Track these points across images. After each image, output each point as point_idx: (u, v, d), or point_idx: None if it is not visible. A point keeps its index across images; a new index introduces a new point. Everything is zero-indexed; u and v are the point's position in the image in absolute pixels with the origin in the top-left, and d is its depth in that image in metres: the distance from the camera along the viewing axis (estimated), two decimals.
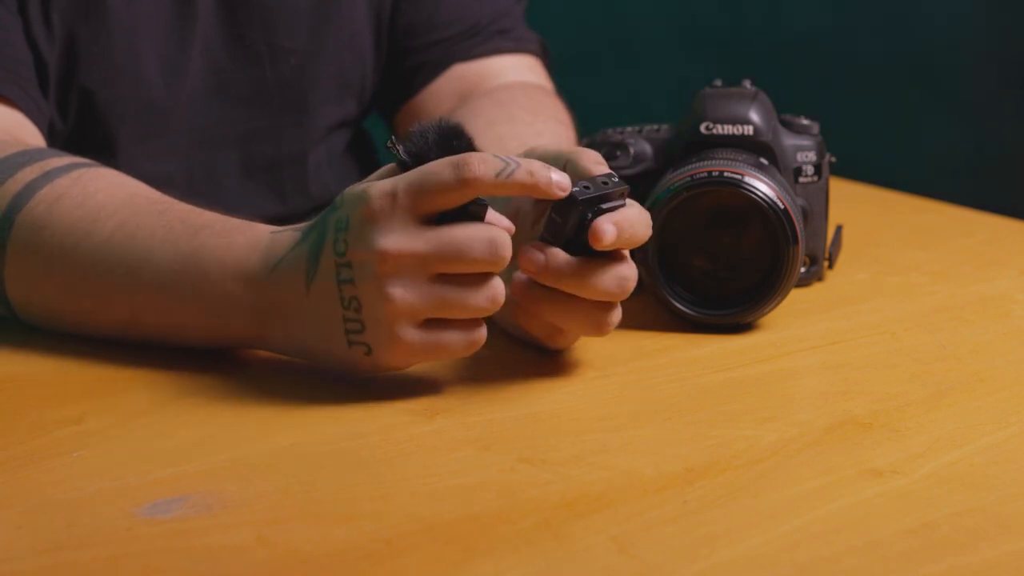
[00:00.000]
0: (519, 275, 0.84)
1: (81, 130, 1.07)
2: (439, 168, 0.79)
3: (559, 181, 0.81)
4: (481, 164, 0.79)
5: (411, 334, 0.81)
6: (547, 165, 0.81)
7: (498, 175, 0.79)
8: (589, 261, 0.83)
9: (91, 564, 0.66)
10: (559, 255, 0.82)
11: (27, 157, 0.93)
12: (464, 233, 0.80)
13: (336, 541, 0.68)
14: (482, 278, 0.81)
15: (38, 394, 0.85)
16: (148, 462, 0.76)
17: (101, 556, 0.67)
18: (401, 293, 0.79)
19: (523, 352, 0.90)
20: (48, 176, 0.91)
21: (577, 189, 0.81)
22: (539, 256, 0.82)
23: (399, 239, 0.79)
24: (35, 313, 0.92)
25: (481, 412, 0.82)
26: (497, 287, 0.81)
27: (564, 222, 0.82)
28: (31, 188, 0.91)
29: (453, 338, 0.81)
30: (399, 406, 0.83)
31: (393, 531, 0.69)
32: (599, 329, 0.84)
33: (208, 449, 0.77)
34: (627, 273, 0.84)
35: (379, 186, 0.80)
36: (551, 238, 0.83)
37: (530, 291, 0.84)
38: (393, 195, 0.79)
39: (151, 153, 1.09)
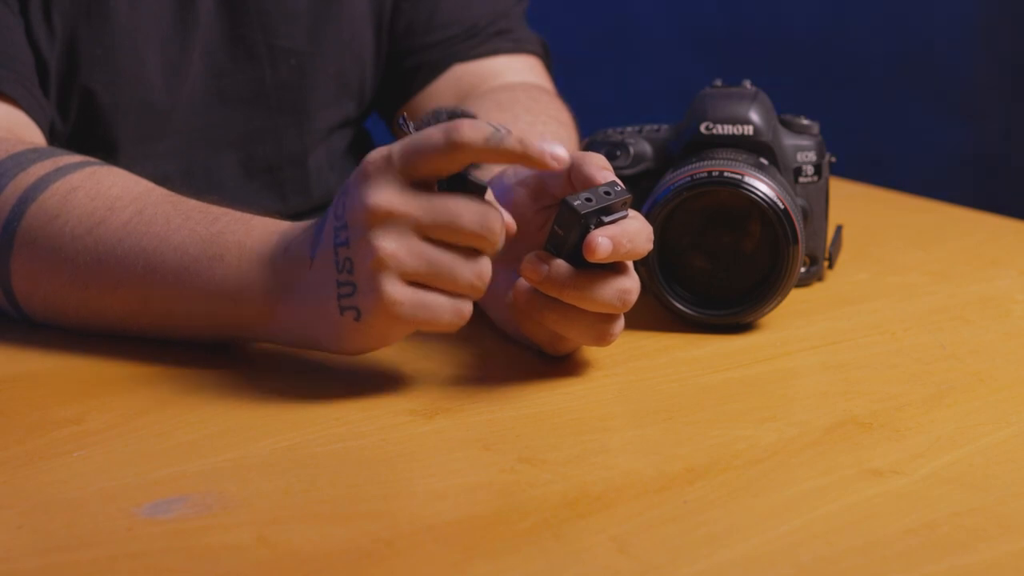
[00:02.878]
0: (522, 282, 0.84)
1: (82, 130, 1.07)
2: (431, 131, 0.80)
3: (555, 152, 0.80)
4: (471, 129, 0.79)
5: (398, 290, 0.79)
6: (543, 136, 0.81)
7: (487, 140, 0.79)
8: (590, 273, 0.82)
9: (91, 564, 0.67)
10: (561, 266, 0.82)
11: (39, 154, 0.94)
12: (457, 202, 0.80)
13: (336, 541, 0.68)
14: (471, 253, 0.80)
15: (38, 394, 0.85)
16: (148, 462, 0.76)
17: (101, 556, 0.67)
18: (389, 245, 0.79)
19: (523, 352, 0.90)
20: (61, 171, 0.92)
21: (579, 201, 0.81)
22: (541, 266, 0.82)
23: (390, 196, 0.79)
24: (39, 305, 0.92)
25: (481, 412, 0.82)
26: (484, 266, 0.81)
27: (566, 234, 0.82)
28: (45, 181, 0.91)
29: (440, 302, 0.80)
30: (399, 406, 0.83)
31: (393, 531, 0.69)
32: (600, 340, 0.85)
33: (208, 449, 0.77)
34: (628, 286, 0.83)
35: (376, 151, 0.81)
36: (553, 249, 0.83)
37: (533, 299, 0.84)
38: (388, 157, 0.80)
39: (151, 154, 1.09)
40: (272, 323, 0.86)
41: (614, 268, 0.83)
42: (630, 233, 0.82)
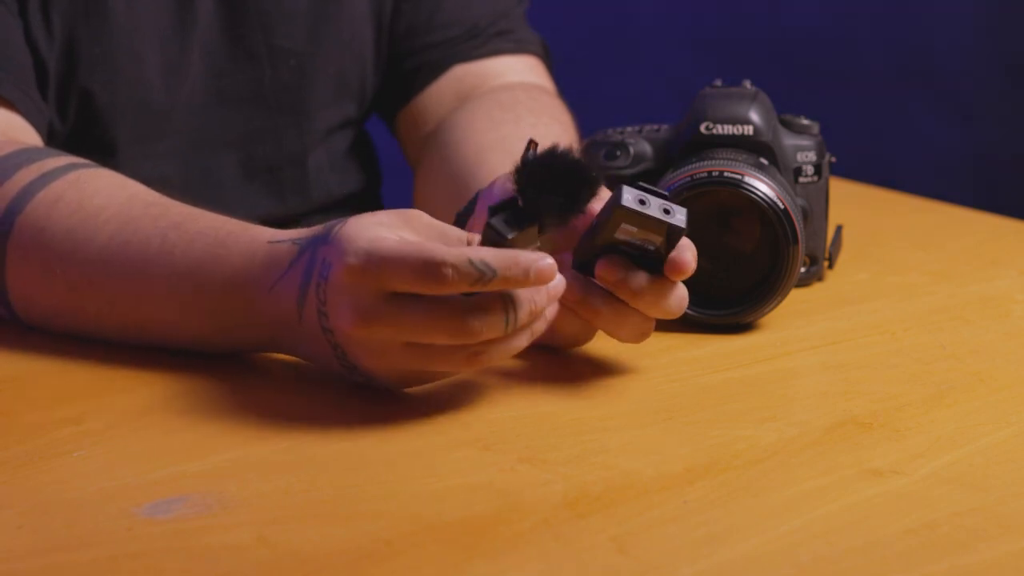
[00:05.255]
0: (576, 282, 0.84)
1: (80, 132, 1.07)
2: (413, 261, 0.77)
3: (539, 269, 0.77)
4: (456, 272, 0.76)
5: (401, 379, 0.82)
6: (530, 256, 0.76)
7: (472, 285, 0.76)
8: (661, 280, 0.84)
9: (91, 564, 0.67)
10: (642, 275, 0.84)
11: (25, 157, 0.93)
12: (431, 312, 0.78)
13: (336, 541, 0.68)
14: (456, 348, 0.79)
15: (38, 394, 0.85)
16: (148, 462, 0.76)
17: (101, 556, 0.67)
18: (374, 362, 0.80)
19: (523, 352, 0.89)
20: (45, 178, 0.91)
21: (681, 217, 0.83)
22: (640, 279, 0.83)
23: (365, 316, 0.78)
24: (37, 317, 0.92)
25: (481, 412, 0.82)
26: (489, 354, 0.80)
27: (669, 246, 0.83)
28: (28, 191, 0.90)
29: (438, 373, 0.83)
30: (399, 406, 0.82)
31: (393, 531, 0.69)
32: (644, 337, 0.86)
33: (208, 449, 0.78)
34: (685, 292, 0.86)
35: (358, 250, 0.78)
36: (639, 259, 0.83)
37: (584, 299, 0.85)
38: (363, 270, 0.78)
39: (150, 155, 1.09)
40: (269, 346, 0.87)
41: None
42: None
